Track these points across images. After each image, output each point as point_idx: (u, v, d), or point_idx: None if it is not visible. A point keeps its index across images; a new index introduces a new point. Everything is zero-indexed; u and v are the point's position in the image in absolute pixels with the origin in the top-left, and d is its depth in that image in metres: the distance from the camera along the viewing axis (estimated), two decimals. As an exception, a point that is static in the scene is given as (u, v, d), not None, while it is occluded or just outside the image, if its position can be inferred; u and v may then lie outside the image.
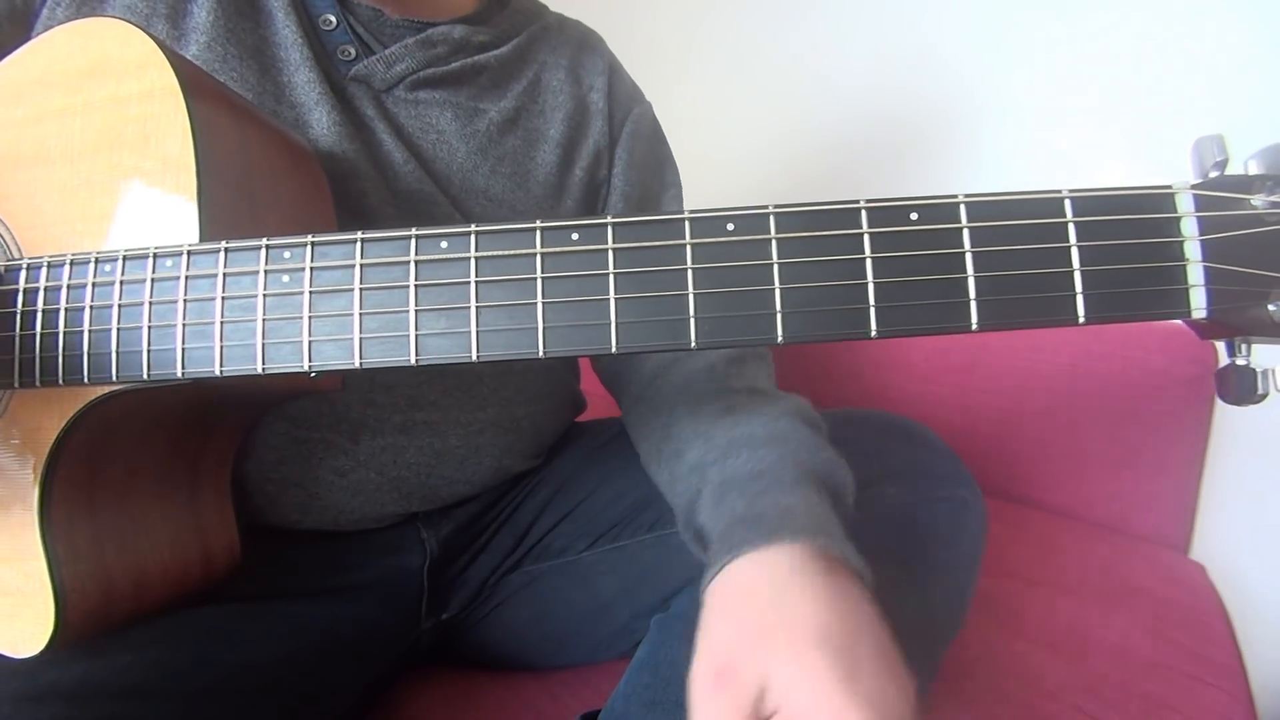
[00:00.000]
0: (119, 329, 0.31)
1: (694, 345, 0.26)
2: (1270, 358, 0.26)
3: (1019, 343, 0.82)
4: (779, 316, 0.26)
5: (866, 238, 0.26)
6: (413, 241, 0.28)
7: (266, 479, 0.44)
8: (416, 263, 0.28)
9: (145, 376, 0.30)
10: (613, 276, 0.27)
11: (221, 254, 0.30)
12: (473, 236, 0.28)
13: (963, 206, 0.25)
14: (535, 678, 0.54)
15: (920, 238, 0.25)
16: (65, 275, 0.32)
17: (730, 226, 0.26)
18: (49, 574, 0.32)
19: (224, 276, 0.30)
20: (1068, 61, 0.84)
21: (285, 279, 0.29)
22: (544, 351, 0.27)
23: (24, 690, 0.31)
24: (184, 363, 0.30)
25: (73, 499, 0.34)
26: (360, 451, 0.45)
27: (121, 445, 0.36)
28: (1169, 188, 0.25)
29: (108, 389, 0.32)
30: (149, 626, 0.37)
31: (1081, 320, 0.25)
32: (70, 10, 0.41)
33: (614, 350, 0.27)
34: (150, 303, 0.30)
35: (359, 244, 0.29)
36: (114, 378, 0.31)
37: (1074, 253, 0.25)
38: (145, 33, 0.35)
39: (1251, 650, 0.56)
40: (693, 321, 0.26)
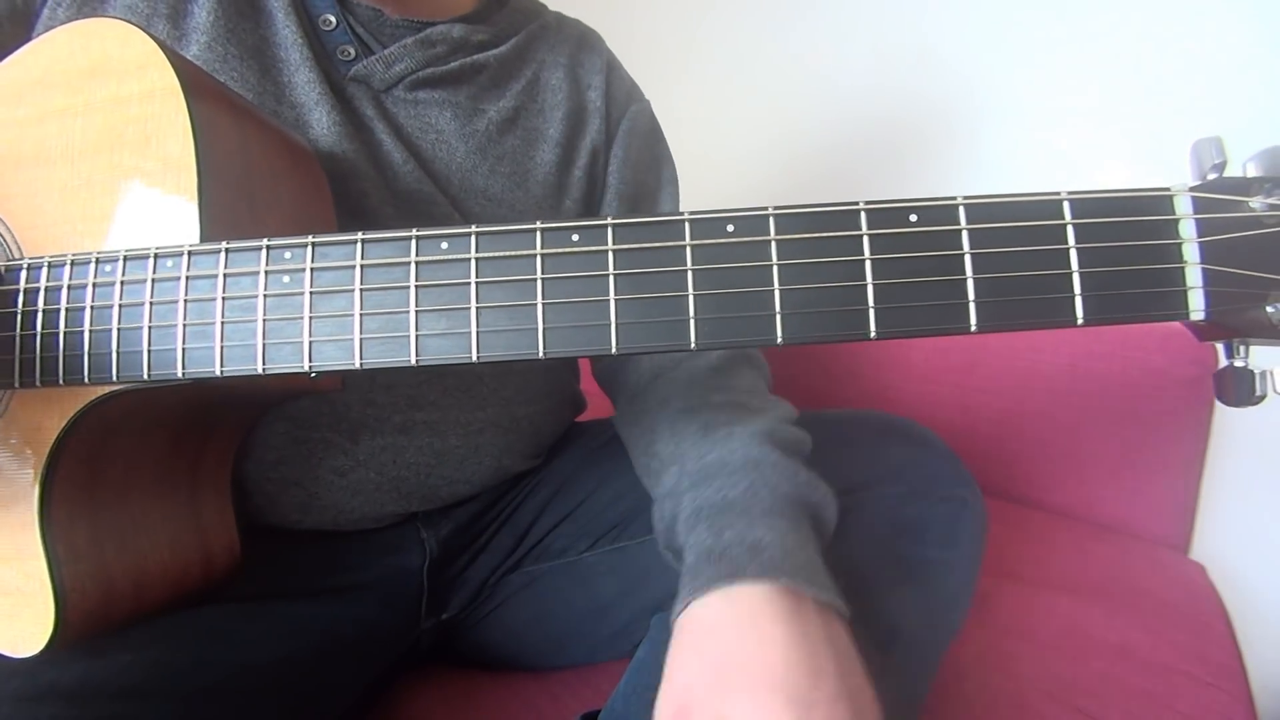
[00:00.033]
0: (119, 329, 0.31)
1: (694, 346, 0.26)
2: (1269, 359, 0.26)
3: (1019, 343, 0.82)
4: (778, 318, 0.26)
5: (866, 239, 0.26)
6: (413, 242, 0.28)
7: (266, 479, 0.44)
8: (417, 263, 0.28)
9: (146, 376, 0.30)
10: (613, 277, 0.27)
11: (222, 254, 0.30)
12: (473, 237, 0.28)
13: (962, 208, 0.26)
14: (535, 678, 0.54)
15: (919, 239, 0.26)
16: (66, 275, 0.32)
17: (730, 228, 0.27)
18: (49, 574, 0.32)
19: (224, 277, 0.30)
20: (1067, 62, 0.84)
21: (286, 279, 0.29)
22: (544, 352, 0.27)
23: (24, 690, 0.32)
24: (184, 363, 0.30)
25: (73, 499, 0.34)
26: (360, 451, 0.45)
27: (122, 445, 0.36)
28: (1167, 190, 0.25)
29: (108, 389, 0.32)
30: (149, 626, 0.37)
31: (1080, 322, 0.25)
32: (71, 10, 0.41)
33: (614, 351, 0.27)
34: (151, 303, 0.30)
35: (359, 245, 0.29)
36: (114, 378, 0.31)
37: (1073, 255, 0.25)
38: (146, 33, 0.35)
39: (1251, 650, 0.56)
40: (692, 322, 0.26)
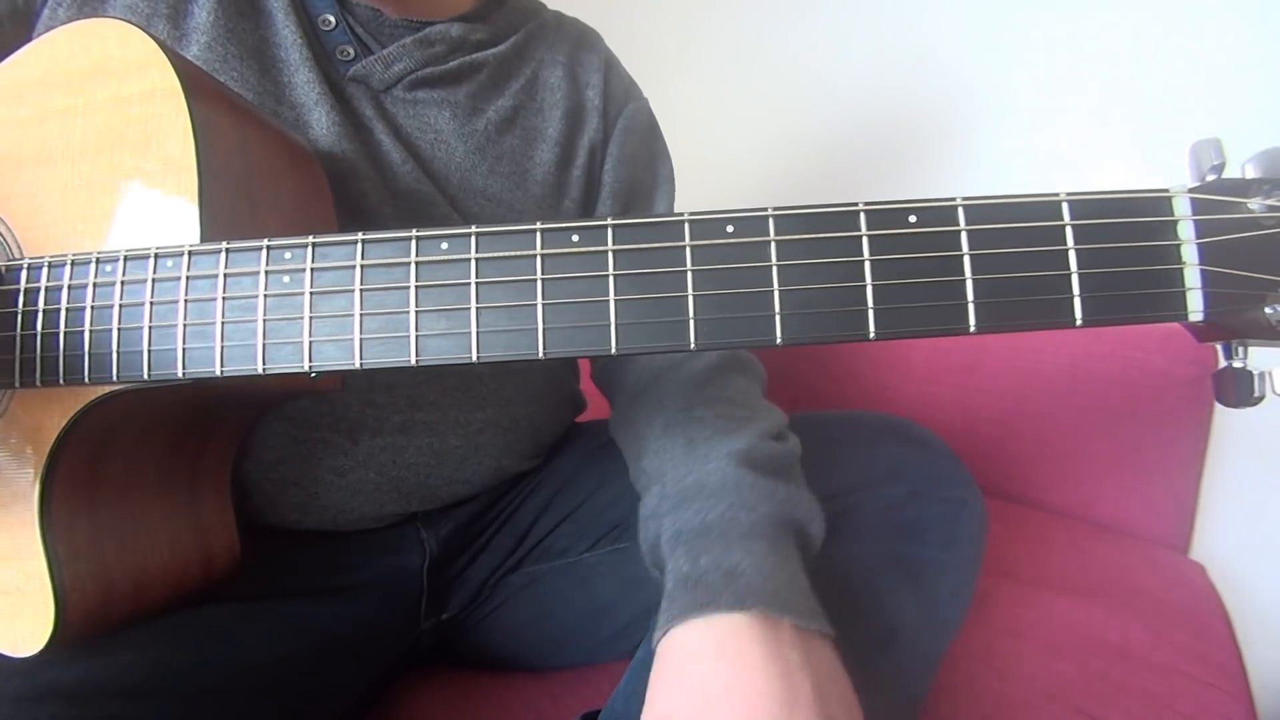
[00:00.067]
0: (120, 329, 0.31)
1: (694, 346, 0.26)
2: (1267, 360, 0.26)
3: (1019, 343, 0.82)
4: (778, 318, 0.26)
5: (865, 240, 0.26)
6: (413, 242, 0.28)
7: (266, 479, 0.44)
8: (417, 264, 0.28)
9: (146, 376, 0.30)
10: (613, 278, 0.27)
11: (222, 254, 0.30)
12: (473, 238, 0.28)
13: (961, 209, 0.26)
14: (535, 678, 0.54)
15: (918, 240, 0.26)
16: (66, 275, 0.32)
17: (730, 228, 0.27)
18: (49, 573, 0.32)
19: (225, 277, 0.30)
20: (1066, 62, 0.84)
21: (286, 279, 0.29)
22: (544, 353, 0.27)
23: (23, 690, 0.32)
24: (184, 363, 0.30)
25: (73, 498, 0.34)
26: (359, 451, 0.45)
27: (122, 445, 0.36)
28: (1166, 191, 0.25)
29: (108, 389, 0.32)
30: (149, 626, 0.37)
31: (1079, 323, 0.25)
32: (71, 10, 0.41)
33: (614, 351, 0.27)
34: (151, 303, 0.30)
35: (359, 245, 0.29)
36: (115, 377, 0.31)
37: (1071, 256, 0.25)
38: (146, 33, 0.35)
39: (1251, 650, 0.56)
40: (692, 323, 0.26)
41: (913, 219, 0.26)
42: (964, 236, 0.25)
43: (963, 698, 0.48)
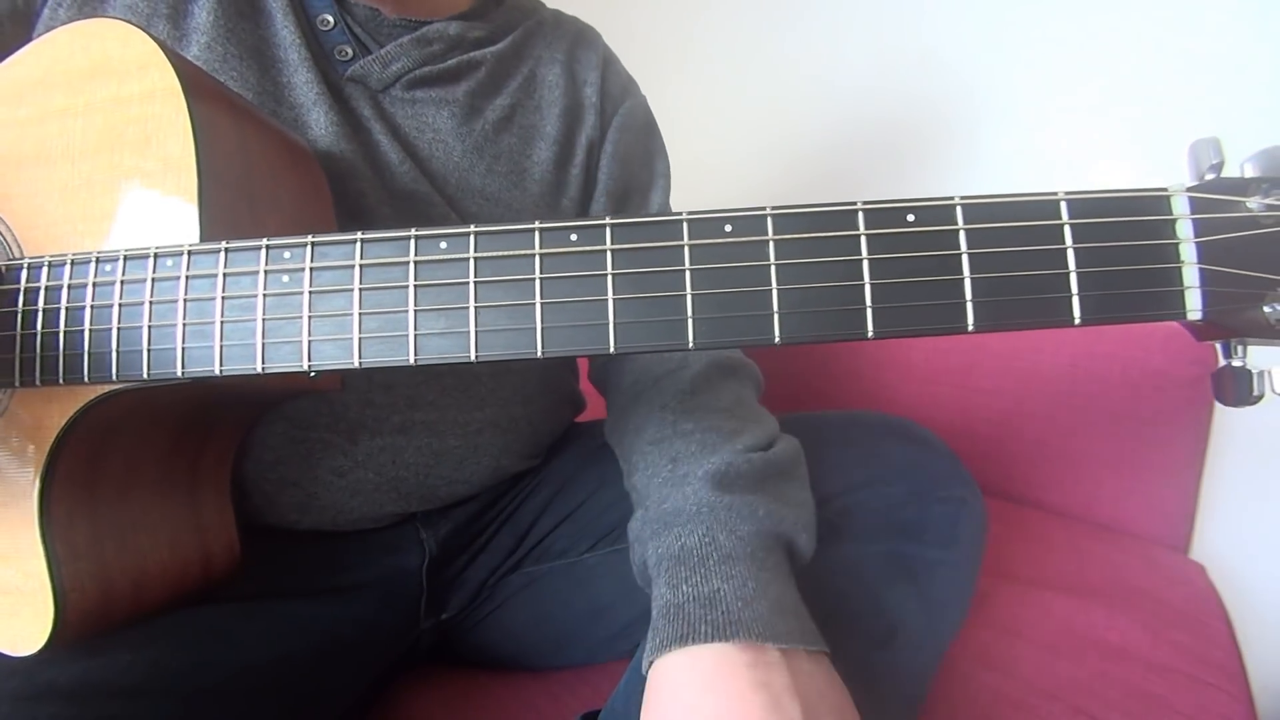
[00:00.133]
0: (119, 328, 0.31)
1: (692, 345, 0.26)
2: (1267, 359, 0.26)
3: (1019, 343, 0.81)
4: (776, 317, 0.26)
5: (863, 239, 0.26)
6: (412, 242, 0.28)
7: (265, 479, 0.44)
8: (416, 263, 0.28)
9: (145, 376, 0.30)
10: (611, 277, 0.27)
11: (222, 254, 0.30)
12: (472, 237, 0.28)
13: (959, 208, 0.26)
14: (535, 678, 0.54)
15: (917, 239, 0.26)
16: (66, 275, 0.32)
17: (728, 228, 0.27)
18: (48, 572, 0.32)
19: (224, 276, 0.30)
20: (1066, 62, 0.84)
21: (285, 279, 0.29)
22: (542, 352, 0.27)
23: (22, 689, 0.32)
24: (184, 362, 0.30)
25: (73, 497, 0.34)
26: (358, 451, 0.45)
27: (121, 444, 0.36)
28: (1164, 190, 0.25)
29: (108, 388, 0.32)
30: (148, 626, 0.37)
31: (1077, 322, 0.25)
32: (72, 11, 0.41)
33: (612, 350, 0.27)
34: (151, 302, 0.31)
35: (358, 244, 0.29)
36: (114, 377, 0.31)
37: (1070, 255, 0.25)
38: (146, 33, 0.35)
39: (1251, 650, 0.56)
40: (690, 322, 0.26)
41: (911, 218, 0.26)
42: (962, 235, 0.25)
43: (962, 697, 0.48)
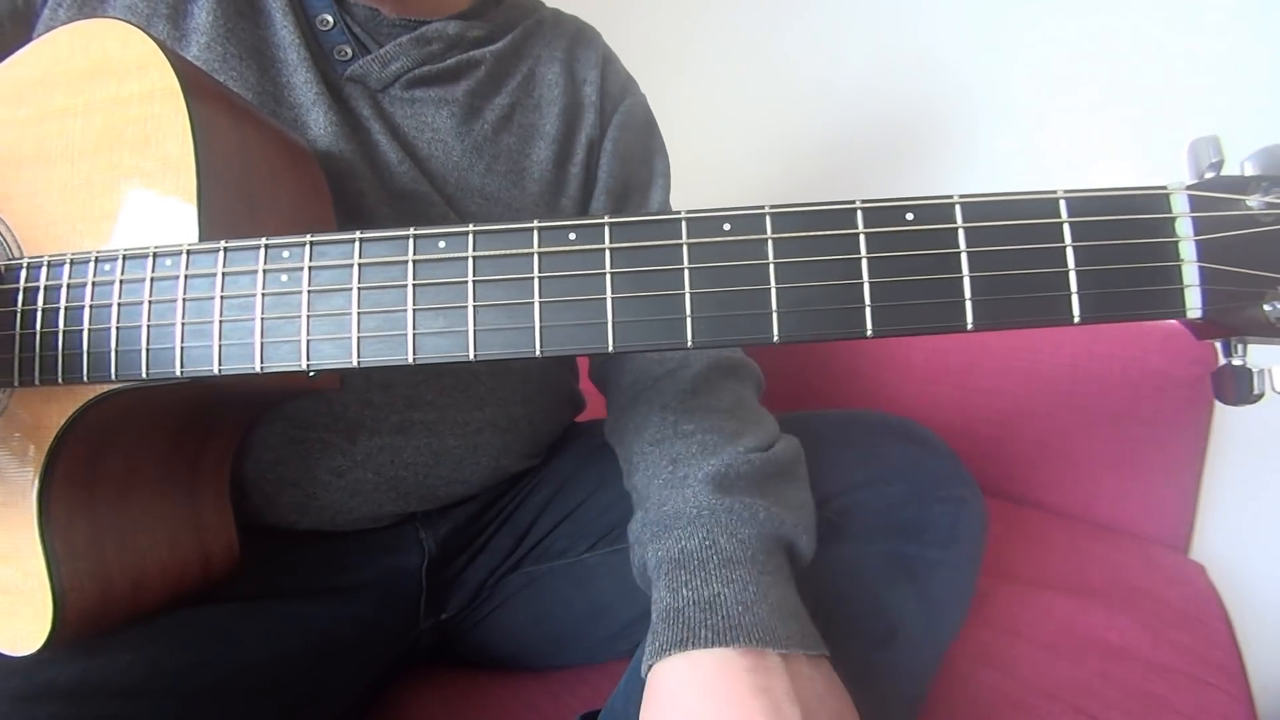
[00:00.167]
0: (118, 328, 0.31)
1: (691, 344, 0.26)
2: (1267, 358, 0.26)
3: (1019, 343, 0.81)
4: (775, 316, 0.26)
5: (862, 238, 0.26)
6: (410, 241, 0.28)
7: (264, 479, 0.44)
8: (414, 262, 0.28)
9: (144, 375, 0.30)
10: (610, 276, 0.27)
11: (221, 253, 0.30)
12: (470, 236, 0.28)
13: (958, 207, 0.26)
14: (535, 678, 0.54)
15: (916, 238, 0.26)
16: (65, 274, 0.32)
17: (727, 226, 0.27)
18: (47, 572, 0.32)
19: (223, 276, 0.30)
20: (1065, 62, 0.84)
21: (284, 278, 0.29)
22: (541, 351, 0.27)
23: (21, 689, 0.32)
24: (183, 361, 0.30)
25: (72, 497, 0.34)
26: (357, 451, 0.45)
27: (121, 444, 0.36)
28: (1164, 188, 0.25)
29: (107, 388, 0.32)
30: (147, 626, 0.37)
31: (1076, 320, 0.25)
32: (72, 11, 0.42)
33: (611, 349, 0.27)
34: (149, 302, 0.31)
35: (357, 243, 0.29)
36: (113, 376, 0.31)
37: (1069, 253, 0.25)
38: (146, 33, 0.35)
39: (1251, 650, 0.56)
40: (689, 321, 0.26)
41: (910, 216, 0.26)
42: (961, 234, 0.25)
43: (962, 697, 0.48)
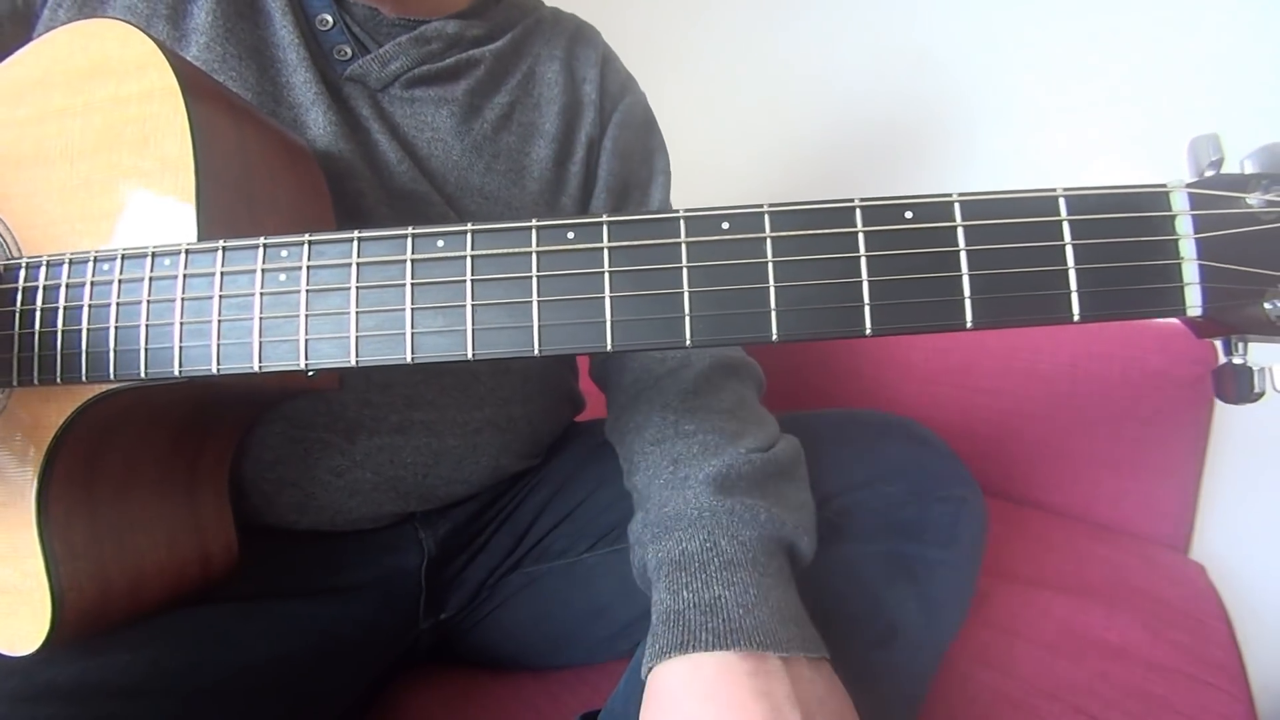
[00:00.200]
0: (117, 327, 0.31)
1: (689, 343, 0.26)
2: (1267, 356, 0.26)
3: (1019, 343, 0.81)
4: (773, 314, 0.26)
5: (861, 236, 0.26)
6: (409, 240, 0.28)
7: (263, 479, 0.44)
8: (413, 261, 0.28)
9: (142, 375, 0.30)
10: (608, 275, 0.27)
11: (219, 253, 0.30)
12: (469, 235, 0.28)
13: (957, 205, 0.26)
14: (535, 678, 0.53)
15: (915, 236, 0.26)
16: (64, 274, 0.32)
17: (725, 225, 0.27)
18: (46, 572, 0.32)
19: (221, 275, 0.30)
20: (1064, 61, 0.84)
21: (282, 277, 0.29)
22: (539, 349, 0.27)
23: (20, 690, 0.32)
24: (181, 361, 0.30)
25: (71, 497, 0.34)
26: (357, 451, 0.45)
27: (120, 444, 0.36)
28: (1164, 186, 0.25)
29: (105, 387, 0.32)
30: (146, 626, 0.37)
31: (1076, 318, 0.25)
32: (71, 11, 0.42)
33: (609, 348, 0.27)
34: (148, 301, 0.30)
35: (355, 243, 0.29)
36: (111, 376, 0.31)
37: (1068, 251, 0.25)
38: (145, 34, 0.35)
39: (1251, 650, 0.56)
40: (688, 319, 0.26)
41: (909, 215, 0.26)
42: (960, 232, 0.25)
43: (962, 697, 0.48)
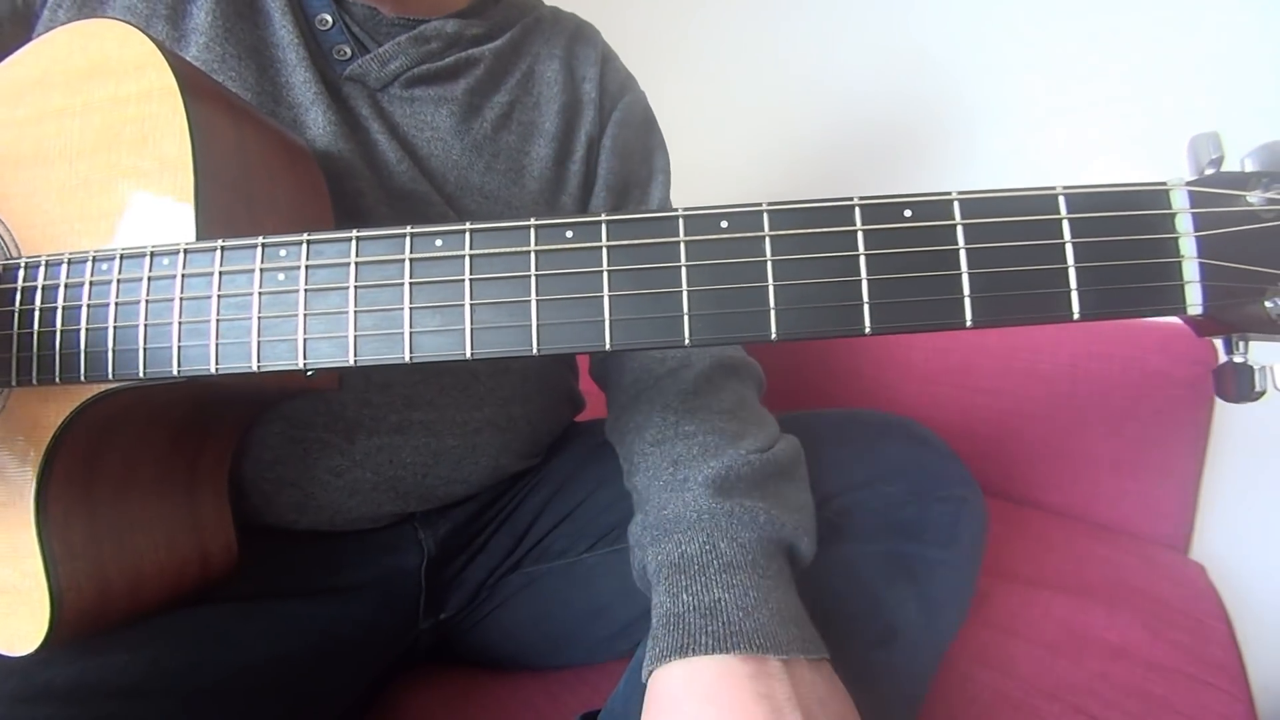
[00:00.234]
0: (115, 327, 0.31)
1: (688, 342, 0.26)
2: (1268, 355, 0.26)
3: (1019, 343, 0.81)
4: (772, 313, 0.26)
5: (860, 234, 0.26)
6: (407, 239, 0.28)
7: (263, 478, 0.44)
8: (411, 260, 0.28)
9: (141, 374, 0.30)
10: (607, 274, 0.27)
11: (218, 252, 0.30)
12: (467, 234, 0.28)
13: (956, 203, 0.25)
14: (535, 678, 0.53)
15: (914, 234, 0.25)
16: (63, 274, 0.32)
17: (724, 224, 0.27)
18: (45, 572, 0.32)
19: (220, 275, 0.30)
20: (1063, 60, 0.84)
21: (281, 277, 0.29)
22: (538, 349, 0.27)
23: (19, 690, 0.32)
24: (179, 361, 0.30)
25: (70, 497, 0.34)
26: (356, 451, 0.45)
27: (119, 443, 0.36)
28: (1164, 184, 0.25)
29: (104, 387, 0.32)
30: (145, 626, 0.37)
31: (1076, 317, 0.25)
32: (71, 11, 0.42)
33: (608, 348, 0.27)
34: (147, 301, 0.30)
35: (354, 242, 0.29)
36: (110, 376, 0.31)
37: (1068, 249, 0.25)
38: (145, 34, 0.35)
39: (1251, 650, 0.56)
40: (687, 318, 0.26)
41: (908, 213, 0.26)
42: (960, 231, 0.25)
43: (962, 697, 0.48)
